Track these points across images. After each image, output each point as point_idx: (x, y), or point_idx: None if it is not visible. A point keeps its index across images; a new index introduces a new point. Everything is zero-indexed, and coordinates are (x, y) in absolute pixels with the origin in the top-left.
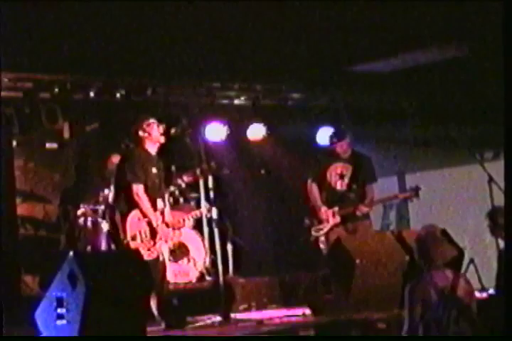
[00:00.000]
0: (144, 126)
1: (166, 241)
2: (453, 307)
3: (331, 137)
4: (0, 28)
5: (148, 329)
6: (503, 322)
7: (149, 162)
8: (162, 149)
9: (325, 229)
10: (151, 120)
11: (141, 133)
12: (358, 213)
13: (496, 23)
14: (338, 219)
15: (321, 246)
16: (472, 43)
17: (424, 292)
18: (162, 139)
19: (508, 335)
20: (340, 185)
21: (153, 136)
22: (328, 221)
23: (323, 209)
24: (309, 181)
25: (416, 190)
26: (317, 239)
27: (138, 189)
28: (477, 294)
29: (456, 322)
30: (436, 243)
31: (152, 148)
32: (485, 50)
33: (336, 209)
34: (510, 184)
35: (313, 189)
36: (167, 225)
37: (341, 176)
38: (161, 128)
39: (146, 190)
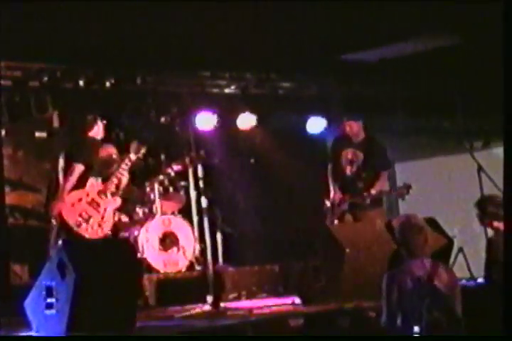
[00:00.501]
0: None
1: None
2: (427, 296)
3: (341, 115)
4: None
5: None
6: (502, 320)
7: (95, 146)
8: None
9: (335, 215)
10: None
11: (99, 122)
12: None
13: (490, 11)
14: (346, 205)
15: None
16: (464, 32)
17: (400, 281)
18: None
19: (508, 335)
20: (349, 171)
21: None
22: (339, 205)
23: (337, 195)
24: (329, 166)
25: (407, 188)
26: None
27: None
28: (466, 283)
29: (429, 311)
30: (412, 232)
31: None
32: (477, 39)
33: (347, 195)
34: (508, 173)
35: (330, 173)
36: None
37: (351, 162)
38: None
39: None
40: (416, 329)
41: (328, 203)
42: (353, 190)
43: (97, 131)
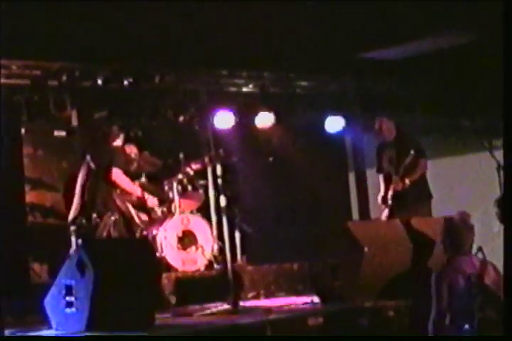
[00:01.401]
0: None
1: None
2: (479, 293)
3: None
4: (8, 15)
5: (156, 316)
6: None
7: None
8: None
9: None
10: None
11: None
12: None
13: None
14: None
15: None
16: (484, 30)
17: (451, 278)
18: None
19: (508, 335)
20: (391, 171)
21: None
22: (385, 202)
23: (380, 195)
24: (380, 177)
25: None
26: None
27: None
28: None
29: (481, 309)
30: (468, 230)
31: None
32: (497, 37)
33: (389, 193)
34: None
35: (380, 178)
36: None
37: (391, 162)
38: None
39: None
40: (466, 327)
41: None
42: (393, 183)
43: (119, 142)
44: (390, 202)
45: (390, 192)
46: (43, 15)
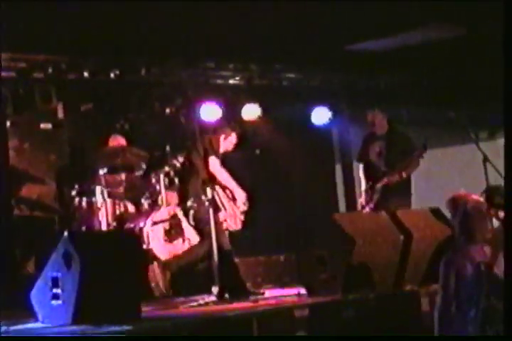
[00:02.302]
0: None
1: None
2: (486, 282)
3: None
4: None
5: (143, 309)
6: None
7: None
8: None
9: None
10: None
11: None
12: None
13: (495, 2)
14: (377, 194)
15: None
16: (471, 23)
17: (459, 265)
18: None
19: (508, 335)
20: (379, 164)
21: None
22: (371, 197)
23: (363, 186)
24: (360, 166)
25: (424, 146)
26: None
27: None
28: None
29: (487, 298)
30: (482, 218)
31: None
32: (483, 30)
33: (378, 185)
34: (509, 165)
35: (360, 167)
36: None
37: (379, 154)
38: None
39: None
40: (471, 314)
41: (362, 201)
42: (380, 175)
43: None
44: (377, 194)
45: (379, 185)
46: (29, 7)
